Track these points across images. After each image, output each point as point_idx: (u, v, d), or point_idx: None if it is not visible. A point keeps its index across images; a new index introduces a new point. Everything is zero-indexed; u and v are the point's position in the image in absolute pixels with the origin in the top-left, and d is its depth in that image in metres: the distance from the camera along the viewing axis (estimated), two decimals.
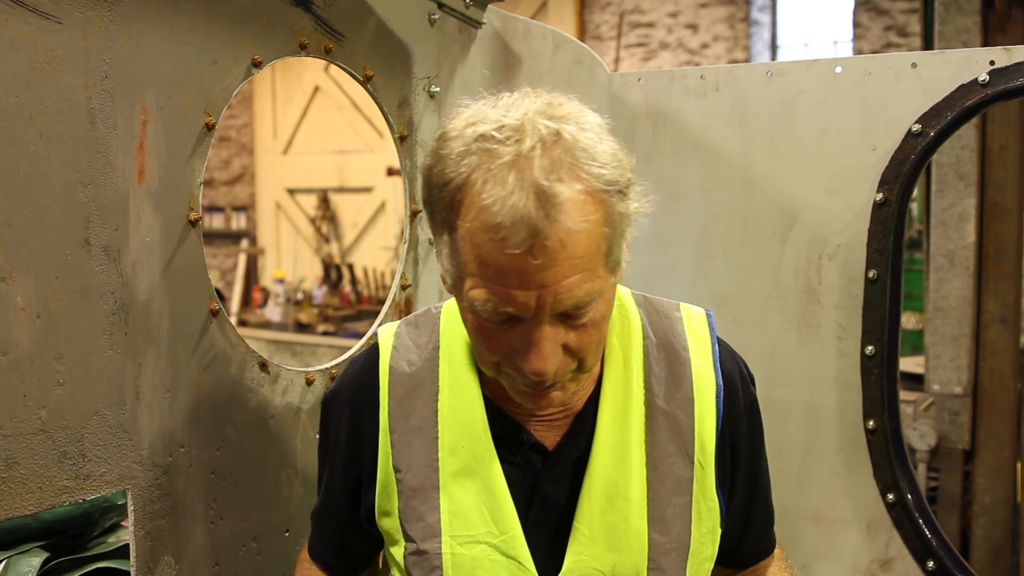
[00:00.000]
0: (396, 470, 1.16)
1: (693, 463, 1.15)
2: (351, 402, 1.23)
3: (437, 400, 1.17)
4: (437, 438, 1.16)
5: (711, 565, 1.21)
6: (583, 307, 0.98)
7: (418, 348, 1.21)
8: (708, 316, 1.23)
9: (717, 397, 1.17)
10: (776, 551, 1.36)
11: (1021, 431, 4.08)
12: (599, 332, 1.04)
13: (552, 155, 0.94)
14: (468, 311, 1.03)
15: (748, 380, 1.25)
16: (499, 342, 1.01)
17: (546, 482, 1.15)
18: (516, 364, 1.01)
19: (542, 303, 0.95)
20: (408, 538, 1.16)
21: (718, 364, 1.19)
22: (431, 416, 1.17)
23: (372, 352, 1.24)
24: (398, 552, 1.18)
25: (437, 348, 1.20)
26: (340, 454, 1.25)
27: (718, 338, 1.22)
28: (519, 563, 1.12)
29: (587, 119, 1.00)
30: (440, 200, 1.00)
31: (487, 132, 0.96)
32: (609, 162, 0.97)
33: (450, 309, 1.23)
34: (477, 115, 1.00)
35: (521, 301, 0.95)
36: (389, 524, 1.19)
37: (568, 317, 0.99)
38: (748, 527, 1.28)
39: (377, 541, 1.28)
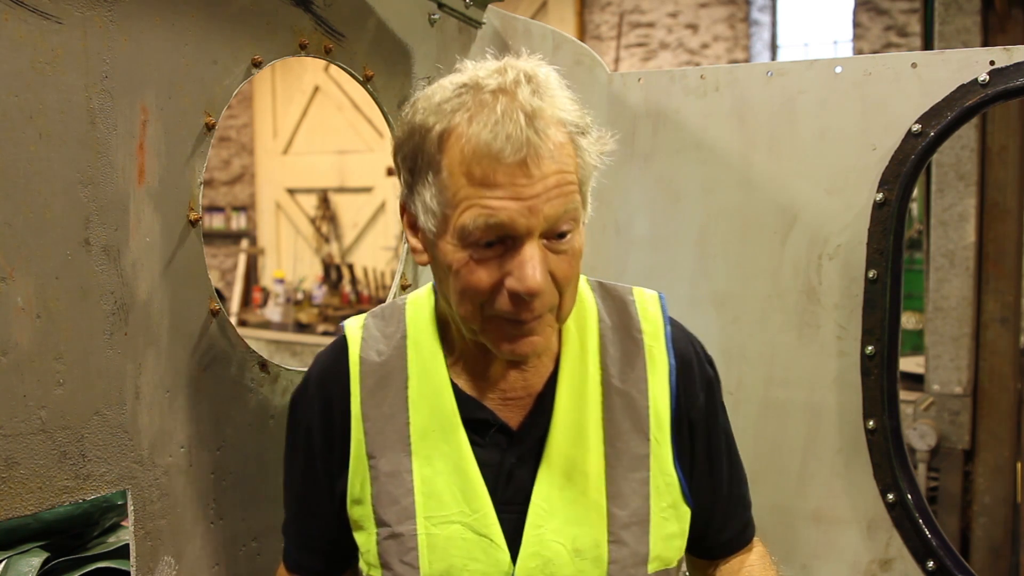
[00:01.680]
0: (370, 456, 1.20)
1: (649, 439, 1.21)
2: (320, 394, 1.26)
3: (407, 387, 1.21)
4: (408, 423, 1.20)
5: (681, 544, 1.25)
6: (568, 218, 1.05)
7: (386, 338, 1.25)
8: (660, 298, 1.28)
9: (670, 375, 1.23)
10: (758, 547, 1.37)
11: (1021, 431, 4.08)
12: (576, 268, 1.10)
13: (531, 87, 1.04)
14: (457, 250, 1.06)
15: (704, 360, 1.30)
16: (488, 274, 1.06)
17: (513, 461, 1.19)
18: (504, 295, 1.06)
19: (535, 212, 1.02)
20: (382, 523, 1.19)
21: (670, 344, 1.25)
22: (402, 402, 1.21)
23: (339, 344, 1.27)
24: (369, 540, 1.21)
25: (405, 337, 1.24)
26: (316, 447, 1.27)
27: (671, 319, 1.27)
28: (491, 540, 1.17)
29: (552, 72, 1.10)
30: (424, 144, 1.07)
31: (467, 81, 1.06)
32: (572, 106, 1.08)
33: (415, 300, 1.28)
34: (450, 77, 1.09)
35: (515, 211, 1.01)
36: (360, 512, 1.22)
37: (552, 239, 1.05)
38: (714, 508, 1.30)
39: (352, 538, 1.28)
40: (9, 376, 1.06)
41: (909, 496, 1.85)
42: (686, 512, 1.24)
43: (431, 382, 1.21)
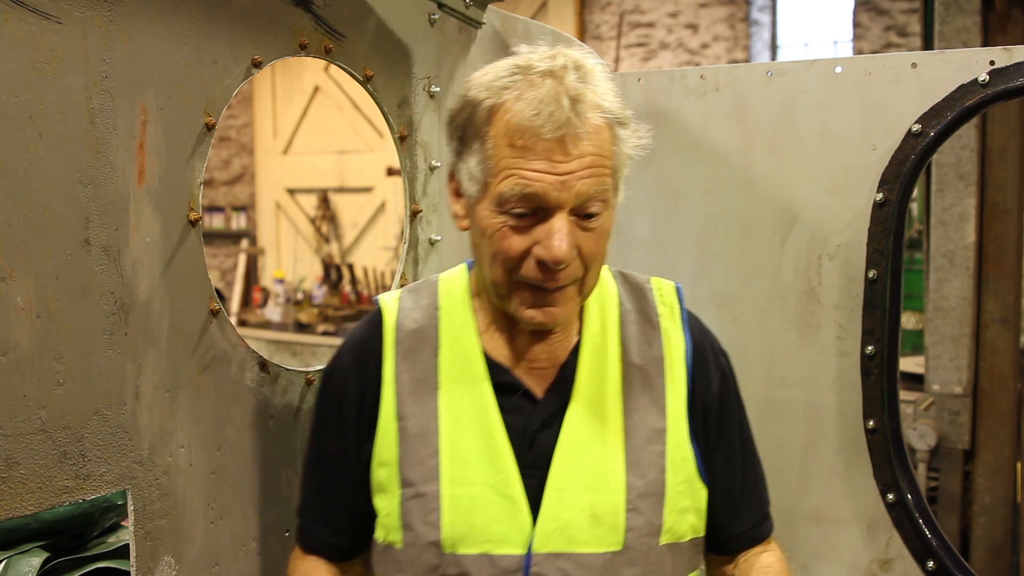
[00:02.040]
0: (399, 417, 1.25)
1: (666, 415, 1.26)
2: (355, 362, 1.32)
3: (438, 353, 1.28)
4: (438, 386, 1.26)
5: (695, 522, 1.27)
6: (596, 200, 1.13)
7: (420, 308, 1.32)
8: (677, 288, 1.36)
9: (686, 355, 1.30)
10: (777, 550, 1.39)
11: (1021, 431, 4.08)
12: (603, 246, 1.19)
13: (578, 74, 1.14)
14: (494, 215, 1.15)
15: (719, 351, 1.37)
16: (519, 240, 1.14)
17: (536, 427, 1.24)
18: (533, 261, 1.14)
19: (567, 187, 1.11)
20: (407, 483, 1.23)
21: (686, 327, 1.32)
22: (433, 367, 1.27)
23: (374, 315, 1.34)
24: (391, 503, 1.24)
25: (437, 308, 1.31)
26: (348, 414, 1.31)
27: (688, 311, 1.35)
28: (513, 502, 1.20)
29: (600, 64, 1.20)
30: (474, 116, 1.17)
31: (521, 63, 1.16)
32: (614, 97, 1.17)
33: (447, 276, 1.37)
34: (505, 60, 1.19)
35: (549, 182, 1.10)
36: (385, 474, 1.25)
37: (581, 217, 1.14)
38: (727, 496, 1.33)
39: (369, 513, 1.30)
40: (9, 376, 1.06)
41: (909, 496, 1.85)
42: (702, 489, 1.28)
43: (462, 348, 1.28)
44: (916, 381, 4.62)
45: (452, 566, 1.20)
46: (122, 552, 1.73)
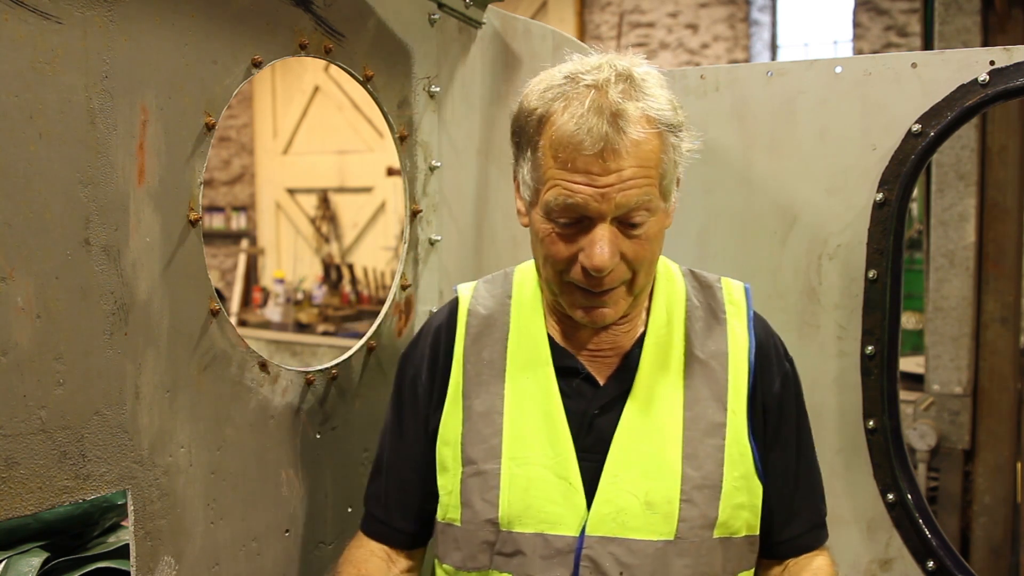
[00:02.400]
0: (465, 396, 1.31)
1: (726, 409, 1.28)
2: (431, 344, 1.39)
3: (507, 338, 1.34)
4: (505, 369, 1.31)
5: (750, 519, 1.28)
6: (639, 210, 1.16)
7: (493, 297, 1.39)
8: (746, 289, 1.40)
9: (749, 353, 1.32)
10: (827, 556, 1.38)
11: (1021, 431, 4.08)
12: (650, 250, 1.21)
13: (623, 86, 1.16)
14: (543, 220, 1.20)
15: (783, 354, 1.38)
16: (566, 247, 1.19)
17: (595, 412, 1.28)
18: (579, 267, 1.18)
19: (606, 200, 1.14)
20: (469, 461, 1.28)
21: (751, 326, 1.35)
22: (502, 350, 1.33)
23: (452, 303, 1.43)
24: (452, 480, 1.29)
25: (509, 296, 1.38)
26: (422, 395, 1.37)
27: (756, 313, 1.37)
28: (570, 483, 1.24)
29: (653, 71, 1.23)
30: (527, 124, 1.21)
31: (570, 72, 1.20)
32: (666, 105, 1.19)
33: (523, 267, 1.42)
34: (561, 66, 1.23)
35: (589, 194, 1.14)
36: (448, 453, 1.30)
37: (626, 225, 1.17)
38: (780, 498, 1.33)
39: (435, 507, 1.35)
40: (9, 376, 1.06)
41: (909, 496, 1.85)
42: (758, 487, 1.29)
43: (530, 334, 1.33)
44: (916, 381, 4.62)
45: (508, 543, 1.24)
46: (122, 552, 1.73)
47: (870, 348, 1.87)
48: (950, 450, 4.13)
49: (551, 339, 1.32)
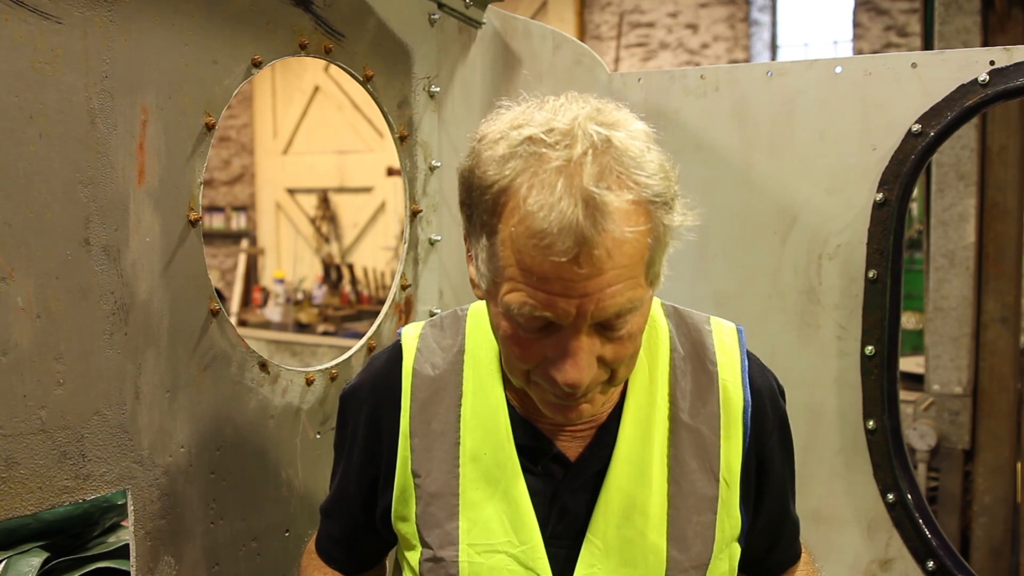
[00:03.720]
0: (415, 475, 1.14)
1: (718, 481, 1.13)
2: (370, 400, 1.21)
3: (460, 405, 1.15)
4: (459, 443, 1.14)
5: None
6: (622, 316, 0.96)
7: (443, 351, 1.18)
8: (739, 332, 1.20)
9: (744, 413, 1.14)
10: (803, 555, 1.34)
11: (1021, 431, 4.08)
12: (634, 345, 1.01)
13: (602, 162, 0.91)
14: (502, 317, 0.99)
15: (778, 394, 1.22)
16: (532, 351, 0.98)
17: (567, 494, 1.12)
18: (548, 374, 0.98)
19: (583, 311, 0.93)
20: (425, 544, 1.14)
21: (747, 379, 1.16)
22: (454, 421, 1.14)
23: (395, 351, 1.21)
24: (413, 557, 1.16)
25: (462, 352, 1.18)
26: (357, 451, 1.23)
27: (748, 352, 1.19)
28: (537, 574, 1.10)
29: (636, 127, 0.98)
30: (481, 203, 0.97)
31: (535, 135, 0.94)
32: (656, 172, 0.95)
33: (476, 312, 1.21)
34: (522, 117, 0.97)
35: (562, 308, 0.93)
36: (406, 529, 1.17)
37: (606, 328, 0.97)
38: (775, 543, 1.26)
39: (387, 541, 1.27)
40: (9, 376, 1.06)
41: (909, 496, 1.85)
42: (737, 550, 1.18)
43: (487, 402, 1.14)
44: (916, 381, 4.62)
45: None
46: (122, 552, 1.73)
47: (870, 348, 1.87)
48: (950, 450, 4.13)
49: (511, 408, 1.13)
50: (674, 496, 1.11)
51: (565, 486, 1.12)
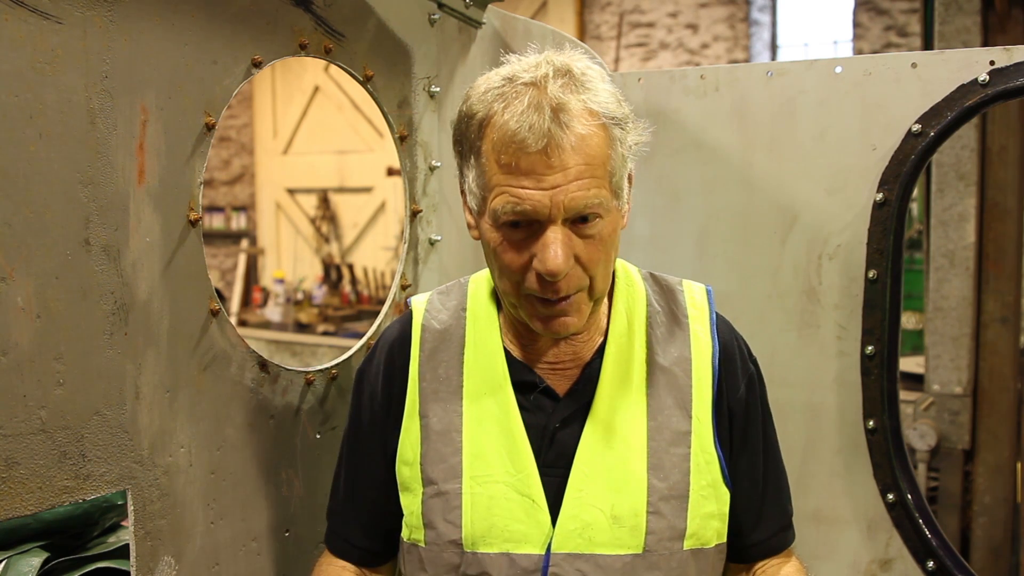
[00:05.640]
0: (422, 415, 1.27)
1: (691, 417, 1.25)
2: (385, 360, 1.34)
3: (463, 352, 1.29)
4: (462, 386, 1.27)
5: (719, 527, 1.26)
6: (590, 209, 1.11)
7: (447, 310, 1.34)
8: (708, 291, 1.35)
9: (713, 357, 1.28)
10: (796, 561, 1.37)
11: (1021, 431, 4.08)
12: (605, 252, 1.16)
13: (563, 81, 1.11)
14: (492, 230, 1.15)
15: (747, 355, 1.35)
16: (518, 255, 1.14)
17: (556, 425, 1.24)
18: (535, 274, 1.13)
19: (556, 203, 1.09)
20: (429, 481, 1.24)
21: (715, 330, 1.30)
22: (457, 366, 1.29)
23: (405, 316, 1.38)
24: (414, 501, 1.26)
25: (464, 309, 1.33)
26: (378, 412, 1.33)
27: (719, 315, 1.33)
28: (533, 500, 1.20)
29: (593, 66, 1.16)
30: (469, 129, 1.16)
31: (508, 73, 1.14)
32: (609, 98, 1.14)
33: (476, 277, 1.38)
34: (500, 68, 1.18)
35: (537, 199, 1.09)
36: (408, 473, 1.27)
37: (577, 224, 1.12)
38: (749, 502, 1.31)
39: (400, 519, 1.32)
40: (9, 376, 1.06)
41: (909, 496, 1.85)
42: (725, 494, 1.26)
43: (486, 348, 1.29)
44: (916, 381, 4.62)
45: (473, 565, 1.21)
46: (122, 552, 1.73)
47: (870, 348, 1.87)
48: (950, 450, 4.13)
49: (508, 352, 1.28)
50: (652, 429, 1.24)
51: (555, 418, 1.25)
